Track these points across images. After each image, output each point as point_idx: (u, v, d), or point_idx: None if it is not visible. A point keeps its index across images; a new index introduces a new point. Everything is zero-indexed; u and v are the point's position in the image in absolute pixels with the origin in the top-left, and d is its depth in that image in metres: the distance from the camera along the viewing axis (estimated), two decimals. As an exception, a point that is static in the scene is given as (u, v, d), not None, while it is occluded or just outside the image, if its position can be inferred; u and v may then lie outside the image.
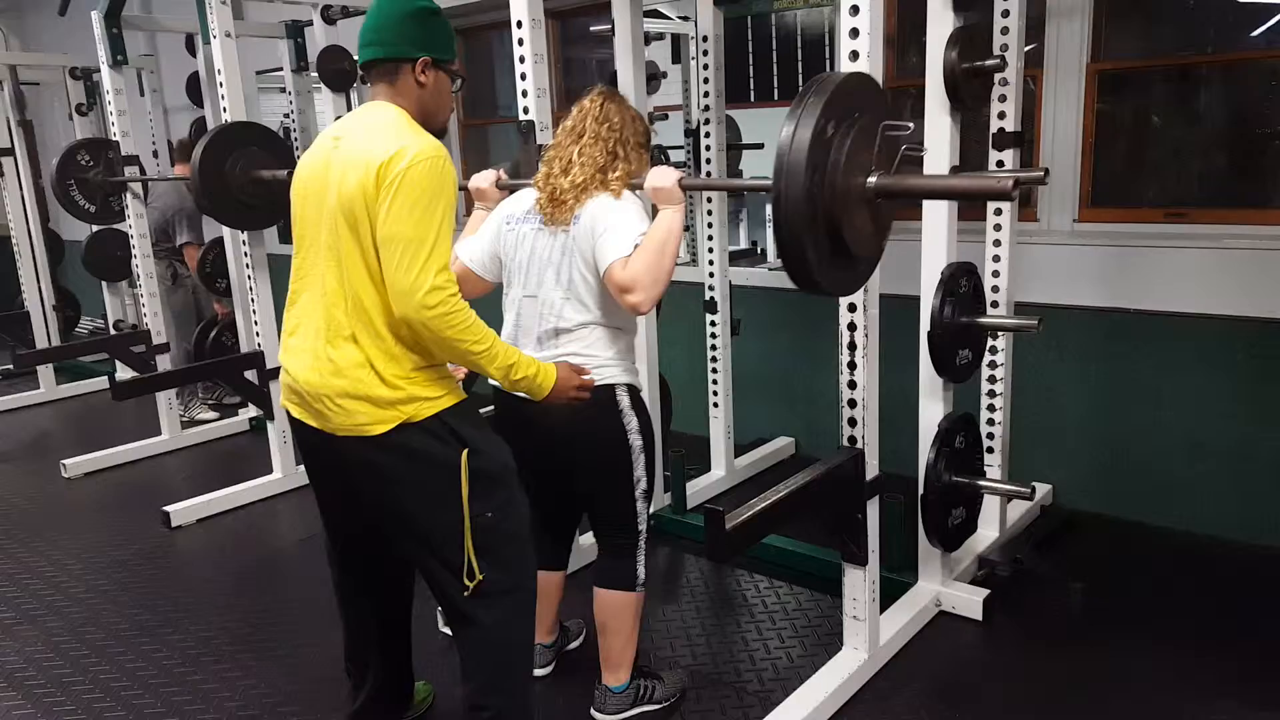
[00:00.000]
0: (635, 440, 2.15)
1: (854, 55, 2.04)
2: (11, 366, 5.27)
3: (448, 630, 2.54)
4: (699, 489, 3.62)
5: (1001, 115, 2.85)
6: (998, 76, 2.76)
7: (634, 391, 2.17)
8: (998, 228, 2.93)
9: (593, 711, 2.32)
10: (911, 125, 1.73)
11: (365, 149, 1.72)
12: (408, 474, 1.80)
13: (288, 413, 1.93)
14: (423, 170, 1.68)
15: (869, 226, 1.77)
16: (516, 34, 2.66)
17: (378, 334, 1.74)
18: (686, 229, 4.33)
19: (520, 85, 2.70)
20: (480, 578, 1.80)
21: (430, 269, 1.67)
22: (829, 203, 1.65)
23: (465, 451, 1.78)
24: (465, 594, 1.82)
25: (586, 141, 2.11)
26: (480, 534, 1.81)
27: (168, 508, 3.75)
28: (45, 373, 5.87)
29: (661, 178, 2.04)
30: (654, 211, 2.06)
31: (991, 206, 2.93)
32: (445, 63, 1.89)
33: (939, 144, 2.54)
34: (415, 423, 1.76)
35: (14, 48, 7.64)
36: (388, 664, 2.19)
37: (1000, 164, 2.87)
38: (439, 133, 1.87)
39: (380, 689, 2.17)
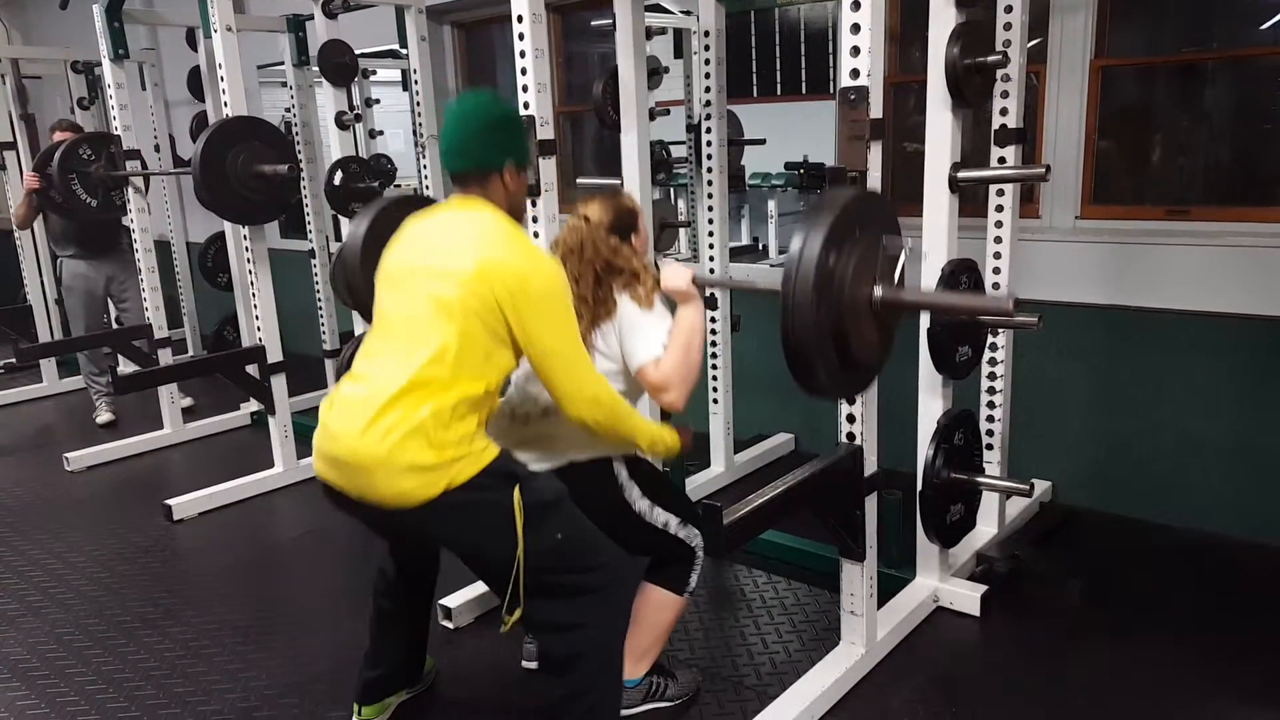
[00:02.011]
0: (641, 504, 2.20)
1: (855, 51, 2.04)
2: (14, 360, 5.27)
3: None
4: (698, 485, 3.63)
5: (1004, 111, 2.84)
6: (1000, 72, 2.75)
7: (632, 461, 2.20)
8: (999, 224, 2.93)
9: None
10: (908, 243, 1.88)
11: (491, 256, 1.85)
12: (460, 527, 1.88)
13: (323, 485, 1.93)
14: (559, 288, 1.89)
15: (873, 335, 1.88)
16: (517, 28, 2.66)
17: (438, 412, 1.79)
18: (687, 225, 4.35)
19: (521, 80, 2.69)
20: (518, 614, 1.89)
21: (590, 377, 1.93)
22: (835, 312, 1.77)
23: (517, 488, 1.84)
24: (503, 629, 1.92)
25: (581, 278, 2.14)
26: (554, 556, 1.88)
27: (169, 501, 3.76)
28: (48, 366, 5.88)
29: (676, 279, 2.11)
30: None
31: (993, 203, 2.93)
32: (526, 164, 2.08)
33: (940, 141, 2.54)
34: (460, 484, 1.81)
35: (16, 41, 7.62)
36: (410, 655, 2.34)
37: (1002, 160, 2.87)
38: (519, 218, 2.07)
39: (396, 669, 2.32)
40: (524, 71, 2.68)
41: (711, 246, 3.61)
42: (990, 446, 3.07)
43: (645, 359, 2.06)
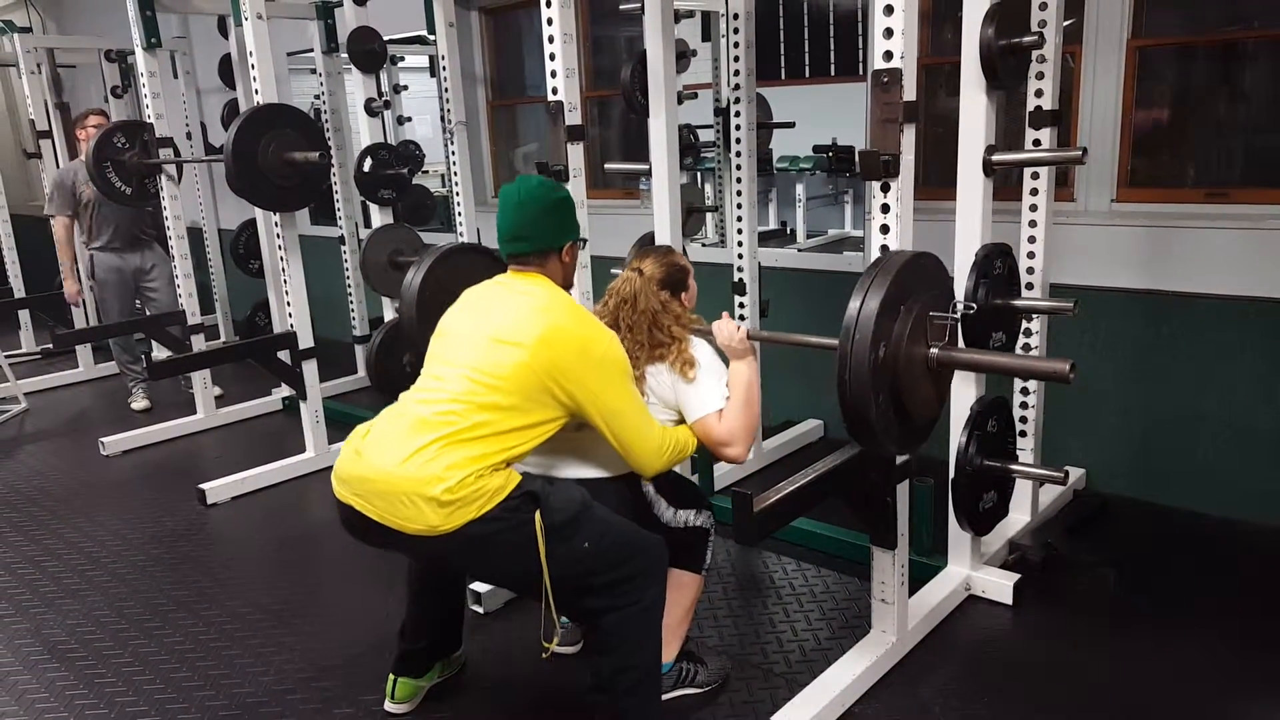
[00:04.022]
0: (668, 514, 2.25)
1: (888, 32, 2.01)
2: (51, 346, 5.36)
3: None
4: (726, 471, 3.62)
5: (1039, 93, 2.79)
6: (1035, 53, 2.70)
7: (658, 477, 2.21)
8: (1034, 208, 2.88)
9: None
10: (962, 309, 2.03)
11: (556, 324, 1.95)
12: (487, 556, 1.94)
13: (345, 509, 1.98)
14: (619, 354, 2.02)
15: (930, 392, 1.99)
16: (546, 13, 2.64)
17: (483, 451, 1.87)
18: (715, 210, 4.32)
19: (549, 65, 2.68)
20: (556, 641, 2.02)
21: (655, 432, 2.04)
22: (891, 370, 1.87)
23: (538, 513, 1.89)
24: (544, 655, 2.09)
25: (634, 326, 2.22)
26: (587, 564, 1.94)
27: (203, 485, 3.81)
28: (84, 352, 5.97)
29: (728, 335, 2.20)
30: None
31: (1028, 186, 2.88)
32: (579, 238, 2.18)
33: (975, 123, 2.49)
34: (485, 514, 1.85)
35: (50, 31, 7.74)
36: (446, 633, 2.40)
37: (1037, 143, 2.82)
38: (570, 288, 2.18)
39: (434, 642, 2.38)
40: (552, 56, 2.67)
41: (740, 231, 3.58)
42: (1024, 433, 3.03)
43: (706, 412, 2.14)
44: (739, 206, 3.56)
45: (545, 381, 1.91)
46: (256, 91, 3.74)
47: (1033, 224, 2.89)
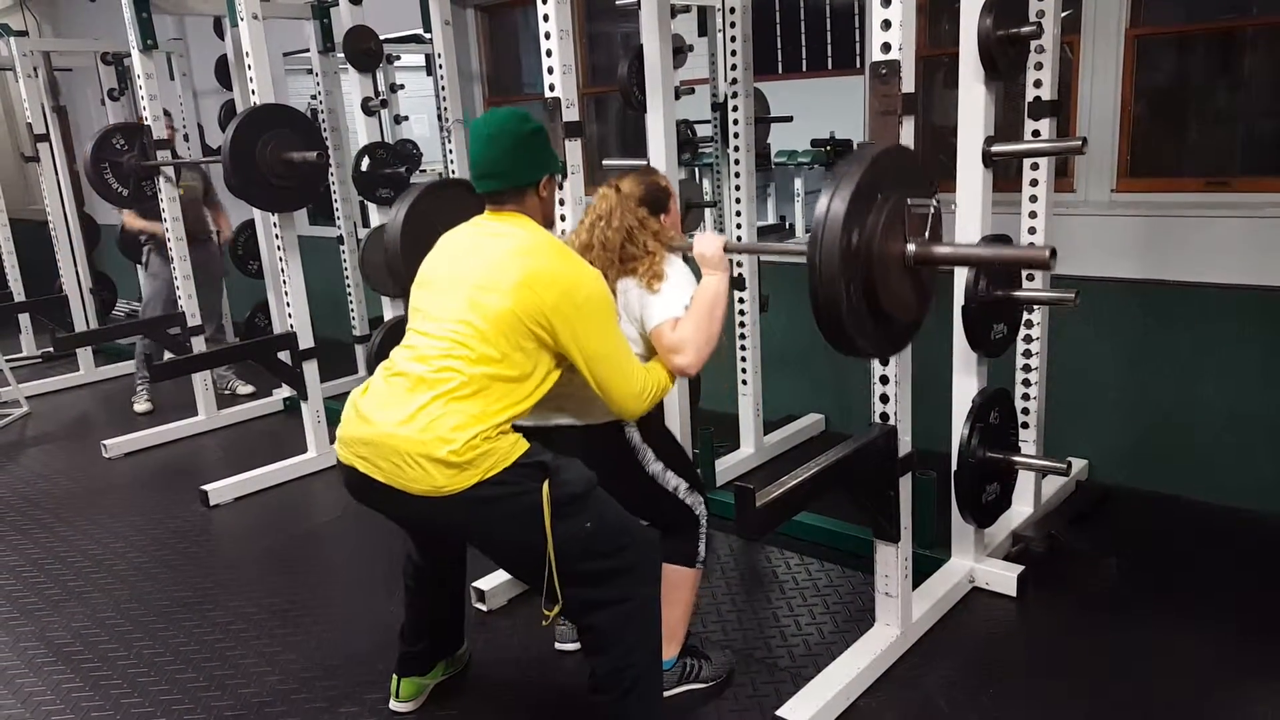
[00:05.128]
0: (654, 467, 2.23)
1: (886, 25, 2.00)
2: (51, 349, 5.36)
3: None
4: (728, 466, 3.62)
5: (1038, 84, 2.78)
6: (1034, 44, 2.70)
7: (643, 424, 2.21)
8: (1034, 199, 2.87)
9: None
10: (936, 201, 1.83)
11: (537, 266, 1.88)
12: (490, 521, 1.89)
13: (348, 471, 1.93)
14: (604, 294, 1.94)
15: (909, 292, 1.85)
16: (542, 10, 2.64)
17: (479, 414, 1.83)
18: (713, 205, 4.31)
19: (545, 62, 2.67)
20: (558, 608, 1.90)
21: (637, 374, 1.97)
22: (865, 269, 1.74)
23: (546, 483, 1.85)
24: (544, 623, 1.94)
25: (607, 242, 2.17)
26: (585, 545, 1.89)
27: (206, 486, 3.82)
28: (84, 355, 5.97)
29: (707, 245, 2.13)
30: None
31: (1028, 177, 2.88)
32: (557, 172, 2.09)
33: (974, 115, 2.49)
34: (491, 477, 1.83)
35: (47, 34, 7.73)
36: (446, 633, 2.40)
37: (1036, 134, 2.81)
38: (551, 226, 2.10)
39: (435, 644, 2.37)
40: (548, 53, 2.66)
41: (739, 226, 3.57)
42: (1026, 425, 3.02)
43: (662, 319, 2.06)
44: (737, 201, 3.56)
45: (530, 326, 1.85)
46: (253, 92, 3.74)
47: (1033, 215, 2.88)
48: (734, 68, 3.45)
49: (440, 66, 4.04)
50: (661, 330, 2.06)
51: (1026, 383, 3.04)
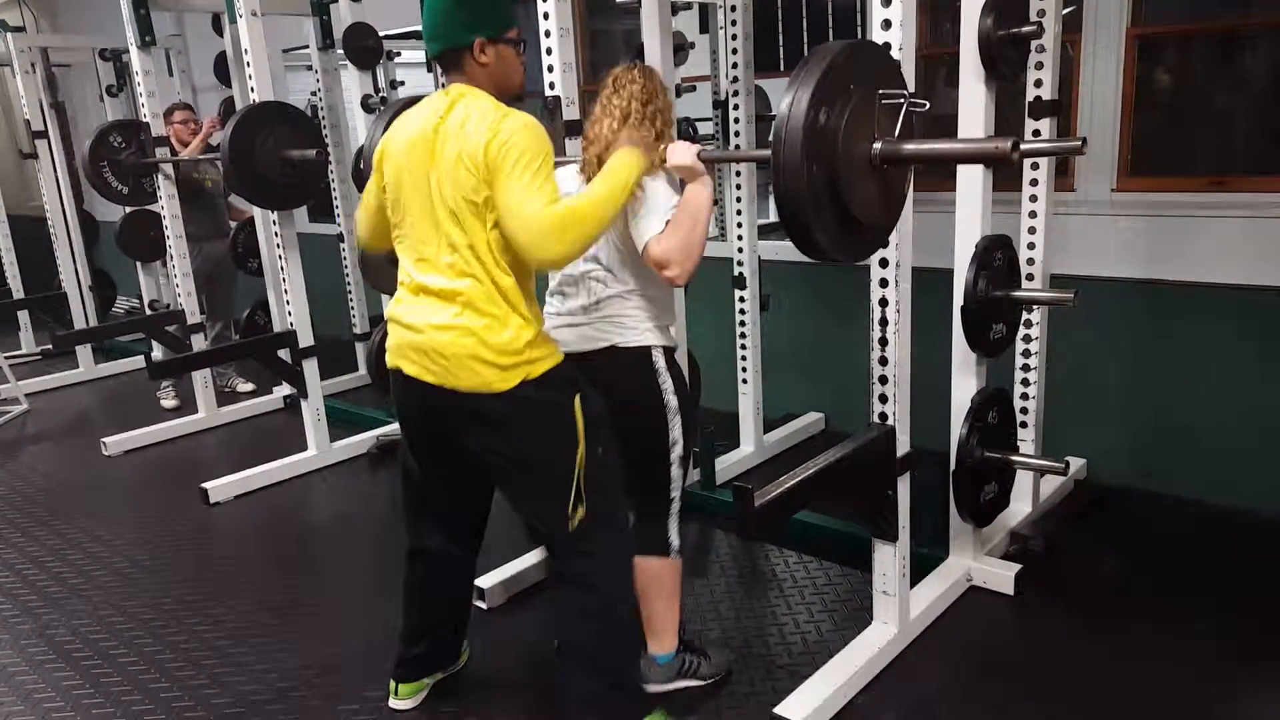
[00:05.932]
0: (671, 400, 2.18)
1: (886, 24, 2.00)
2: (51, 346, 5.36)
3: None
4: (728, 465, 3.62)
5: (1038, 83, 2.78)
6: (1034, 43, 2.70)
7: (669, 354, 2.21)
8: (1034, 199, 2.88)
9: None
10: (908, 91, 1.74)
11: (467, 138, 1.84)
12: (530, 421, 1.96)
13: (396, 372, 2.02)
14: (520, 137, 1.82)
15: (876, 194, 1.77)
16: (542, 7, 2.64)
17: (511, 306, 1.91)
18: (715, 202, 4.31)
19: (546, 60, 2.68)
20: (583, 513, 1.99)
21: (545, 191, 1.82)
22: (830, 170, 1.65)
23: (578, 397, 1.97)
24: (570, 530, 2.00)
25: (632, 124, 2.14)
26: (592, 469, 1.99)
27: (206, 484, 3.82)
28: (84, 352, 5.97)
29: (681, 155, 2.06)
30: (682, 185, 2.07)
31: (1028, 177, 2.88)
32: (500, 36, 1.95)
33: (974, 114, 2.49)
34: (533, 379, 1.93)
35: (44, 30, 7.72)
36: (450, 634, 2.40)
37: (1037, 133, 2.81)
38: (516, 100, 1.98)
39: (434, 648, 2.37)
40: (549, 51, 2.66)
41: (740, 225, 3.57)
42: (1025, 424, 3.03)
43: (648, 235, 2.04)
44: (738, 200, 3.56)
45: (484, 192, 1.84)
46: (252, 89, 3.73)
47: (1033, 215, 2.88)
48: (735, 65, 3.45)
49: (440, 64, 4.02)
50: (649, 247, 2.04)
51: (1025, 382, 3.04)
